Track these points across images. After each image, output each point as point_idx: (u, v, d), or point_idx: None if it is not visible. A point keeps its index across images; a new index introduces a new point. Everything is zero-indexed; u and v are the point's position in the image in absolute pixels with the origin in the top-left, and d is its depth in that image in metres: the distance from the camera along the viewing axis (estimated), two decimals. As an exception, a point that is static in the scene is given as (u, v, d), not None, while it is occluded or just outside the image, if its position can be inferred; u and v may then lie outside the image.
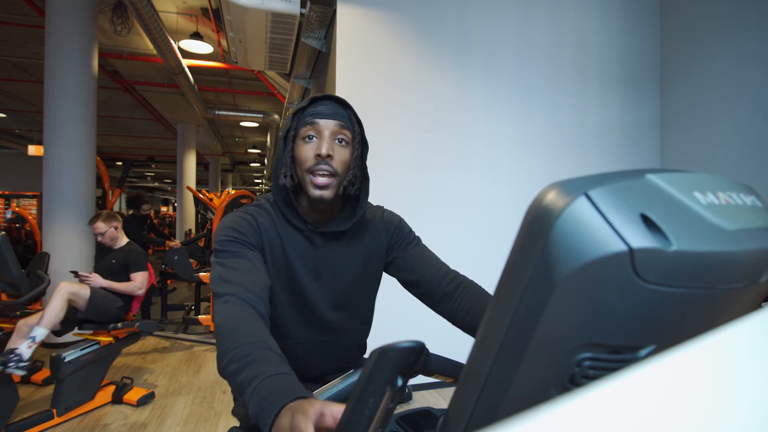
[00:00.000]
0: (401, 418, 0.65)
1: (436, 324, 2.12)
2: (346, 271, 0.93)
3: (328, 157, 0.83)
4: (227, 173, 18.00)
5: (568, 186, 0.24)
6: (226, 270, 0.77)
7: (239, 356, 0.61)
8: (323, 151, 0.82)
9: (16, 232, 7.07)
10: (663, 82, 3.15)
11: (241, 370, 0.59)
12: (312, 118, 0.84)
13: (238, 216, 0.87)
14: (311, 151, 0.83)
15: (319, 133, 0.84)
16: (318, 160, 0.83)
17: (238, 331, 0.65)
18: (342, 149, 0.85)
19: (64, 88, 3.78)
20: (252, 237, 0.85)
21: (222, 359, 0.63)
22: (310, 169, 0.83)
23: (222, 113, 7.41)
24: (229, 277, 0.76)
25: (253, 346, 0.62)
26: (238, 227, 0.84)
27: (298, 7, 2.89)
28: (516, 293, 0.24)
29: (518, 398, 0.25)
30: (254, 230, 0.86)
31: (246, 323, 0.67)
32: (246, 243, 0.83)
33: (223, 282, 0.75)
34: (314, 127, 0.84)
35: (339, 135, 0.85)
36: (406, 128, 2.74)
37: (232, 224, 0.85)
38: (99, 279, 2.60)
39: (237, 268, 0.78)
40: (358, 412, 0.36)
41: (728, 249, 0.23)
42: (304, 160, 0.84)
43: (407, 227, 1.01)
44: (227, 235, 0.83)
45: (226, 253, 0.81)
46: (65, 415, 2.34)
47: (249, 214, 0.88)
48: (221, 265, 0.79)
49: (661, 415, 0.15)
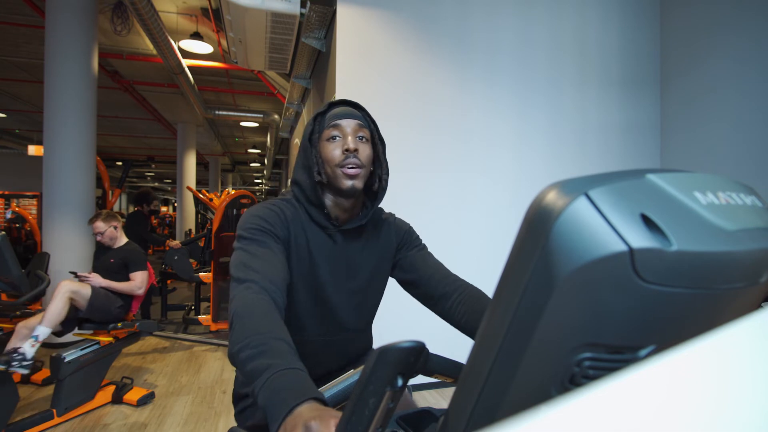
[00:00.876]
0: (401, 418, 0.65)
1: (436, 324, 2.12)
2: (362, 270, 0.96)
3: (356, 151, 0.87)
4: (227, 173, 18.00)
5: (568, 186, 0.24)
6: (249, 257, 0.78)
7: (254, 344, 0.61)
8: (351, 146, 0.87)
9: (16, 232, 7.07)
10: (663, 82, 3.15)
11: (254, 357, 0.59)
12: (333, 120, 0.90)
13: (266, 207, 0.89)
14: (338, 149, 0.88)
15: (343, 133, 0.89)
16: (347, 155, 0.87)
17: (254, 318, 0.65)
18: (364, 145, 0.90)
19: (64, 88, 3.78)
20: (279, 229, 0.86)
21: (235, 344, 0.62)
22: (340, 164, 0.87)
23: (222, 113, 7.41)
24: (252, 264, 0.76)
25: (268, 335, 0.62)
26: (267, 217, 0.85)
27: (298, 7, 2.89)
28: (516, 293, 0.24)
29: (518, 398, 0.25)
30: (282, 223, 0.87)
31: (263, 312, 0.67)
32: (272, 234, 0.84)
33: (245, 268, 0.75)
34: (337, 128, 0.89)
35: (360, 133, 0.90)
36: (406, 128, 2.74)
37: (260, 213, 0.86)
38: (99, 279, 2.60)
39: (261, 256, 0.79)
40: (358, 412, 0.36)
41: (728, 249, 0.23)
42: (332, 157, 0.88)
43: (416, 234, 1.05)
44: (255, 223, 0.84)
45: (251, 241, 0.81)
46: (65, 415, 2.34)
47: (278, 206, 0.90)
48: (245, 251, 0.79)
49: (661, 415, 0.15)
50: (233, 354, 0.63)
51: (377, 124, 0.97)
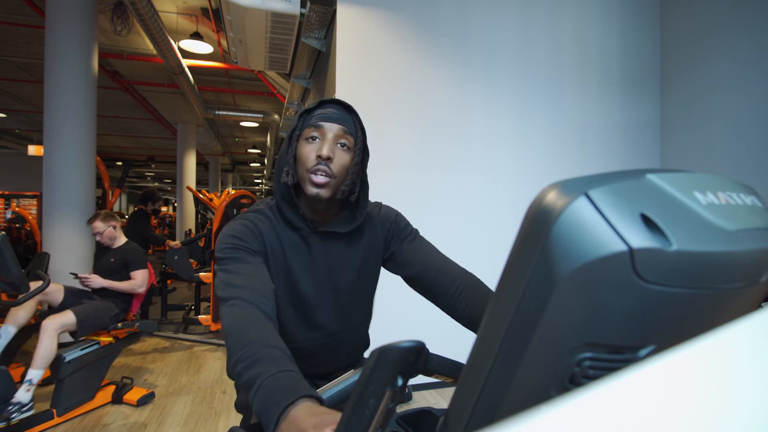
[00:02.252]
0: (401, 418, 0.65)
1: (436, 324, 2.13)
2: (345, 271, 0.94)
3: (328, 159, 0.84)
4: (227, 173, 18.00)
5: (568, 186, 0.24)
6: (230, 275, 0.78)
7: (245, 356, 0.61)
8: (324, 153, 0.83)
9: (16, 232, 7.06)
10: (663, 82, 3.15)
11: (247, 369, 0.59)
12: (317, 121, 0.86)
13: (238, 224, 0.88)
14: (312, 152, 0.85)
15: (323, 135, 0.85)
16: (318, 161, 0.84)
17: (243, 332, 0.66)
18: (342, 153, 0.86)
19: (64, 88, 3.78)
20: (254, 243, 0.85)
21: (230, 361, 0.63)
22: (310, 169, 0.84)
23: (222, 113, 7.41)
24: (233, 282, 0.76)
25: (257, 345, 0.62)
26: (240, 234, 0.85)
27: (298, 7, 2.89)
28: (516, 293, 0.24)
29: (518, 398, 0.25)
30: (255, 236, 0.86)
31: (251, 324, 0.68)
32: (248, 249, 0.83)
33: (227, 287, 0.75)
34: (318, 129, 0.85)
35: (341, 139, 0.86)
36: (405, 128, 2.74)
37: (232, 232, 0.85)
38: (99, 280, 2.59)
39: (241, 272, 0.78)
40: (358, 412, 0.36)
41: (728, 249, 0.23)
42: (305, 159, 0.85)
43: (404, 221, 1.01)
44: (229, 242, 0.83)
45: (229, 260, 0.81)
46: (65, 415, 2.34)
47: (249, 220, 0.89)
48: (225, 271, 0.79)
49: (661, 415, 0.15)
50: (230, 371, 0.63)
51: (366, 132, 0.91)
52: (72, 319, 2.39)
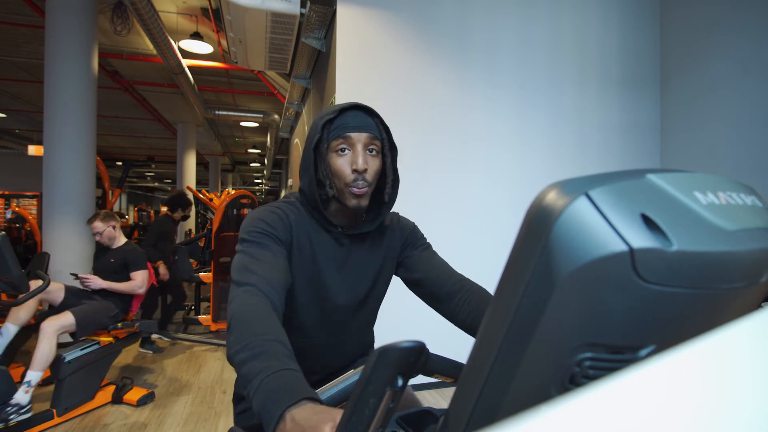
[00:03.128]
0: (401, 418, 0.65)
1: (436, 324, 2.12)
2: (367, 272, 0.95)
3: (365, 171, 0.85)
4: (227, 173, 18.00)
5: (569, 186, 0.24)
6: (251, 260, 0.78)
7: (249, 346, 0.61)
8: (360, 166, 0.84)
9: (16, 232, 7.06)
10: (663, 82, 3.15)
11: (249, 360, 0.59)
12: (344, 132, 0.86)
13: (270, 210, 0.88)
14: (347, 166, 0.86)
15: (352, 146, 0.86)
16: (356, 176, 0.85)
17: (251, 321, 0.66)
18: (373, 159, 0.88)
19: (64, 88, 3.78)
20: (281, 232, 0.85)
21: (232, 347, 0.63)
22: (350, 184, 0.85)
23: (222, 113, 7.41)
24: (252, 268, 0.76)
25: (264, 337, 0.62)
26: (269, 220, 0.85)
27: (298, 7, 2.89)
28: (516, 293, 0.24)
29: (518, 398, 0.25)
30: (285, 226, 0.86)
31: (261, 315, 0.68)
32: (274, 237, 0.83)
33: (245, 271, 0.75)
34: (346, 140, 0.86)
35: (370, 146, 0.87)
36: (406, 128, 2.74)
37: (263, 217, 0.85)
38: (99, 281, 2.59)
39: (262, 260, 0.78)
40: (358, 412, 0.36)
41: (728, 249, 0.23)
42: (342, 174, 0.86)
43: (420, 233, 1.04)
44: (257, 226, 0.83)
45: (253, 244, 0.81)
46: (65, 415, 2.34)
47: (281, 209, 0.89)
48: (247, 254, 0.79)
49: (661, 415, 0.15)
50: (230, 356, 0.63)
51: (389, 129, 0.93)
52: (71, 320, 2.39)
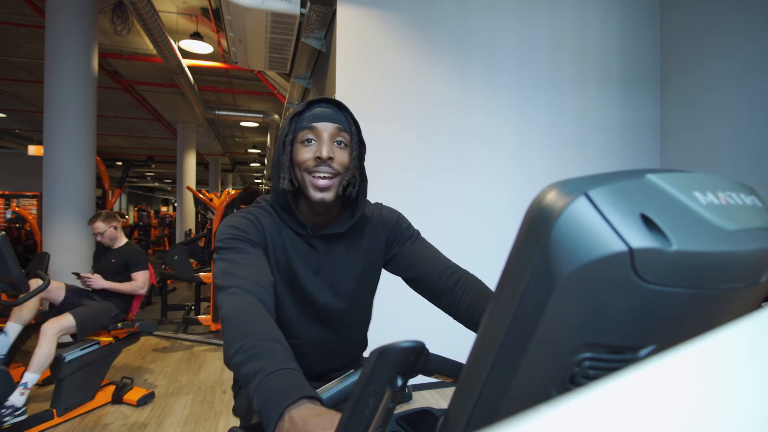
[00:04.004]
0: (401, 418, 0.65)
1: (436, 324, 2.12)
2: (347, 271, 0.94)
3: (329, 159, 0.83)
4: (227, 173, 18.00)
5: (568, 186, 0.24)
6: (229, 264, 0.77)
7: (245, 347, 0.60)
8: (324, 154, 0.82)
9: (16, 232, 7.06)
10: (663, 82, 3.15)
11: (247, 361, 0.59)
12: (310, 122, 0.85)
13: (240, 216, 0.87)
14: (310, 154, 0.84)
15: (318, 137, 0.85)
16: (318, 162, 0.83)
17: (244, 322, 0.65)
18: (341, 151, 0.86)
19: (64, 88, 3.78)
20: (255, 236, 0.85)
21: (228, 350, 0.63)
22: (310, 170, 0.84)
23: (222, 113, 7.41)
24: (233, 271, 0.75)
25: (259, 337, 0.62)
26: (241, 226, 0.85)
27: (298, 7, 2.89)
28: (516, 293, 0.24)
29: (518, 398, 0.25)
30: (257, 230, 0.86)
31: (252, 314, 0.67)
32: (249, 241, 0.83)
33: (227, 275, 0.75)
34: (313, 130, 0.84)
35: (337, 137, 0.85)
36: (405, 128, 2.74)
37: (234, 223, 0.85)
38: (101, 281, 2.59)
39: (241, 262, 0.78)
40: (358, 412, 0.36)
41: (728, 249, 0.23)
42: (303, 162, 0.84)
43: (405, 222, 1.00)
44: (230, 233, 0.83)
45: (229, 250, 0.81)
46: (65, 415, 2.34)
47: (252, 214, 0.88)
48: (225, 260, 0.79)
49: (661, 415, 0.15)
50: (228, 359, 0.63)
51: (359, 125, 0.90)
52: (71, 322, 2.40)
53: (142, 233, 12.44)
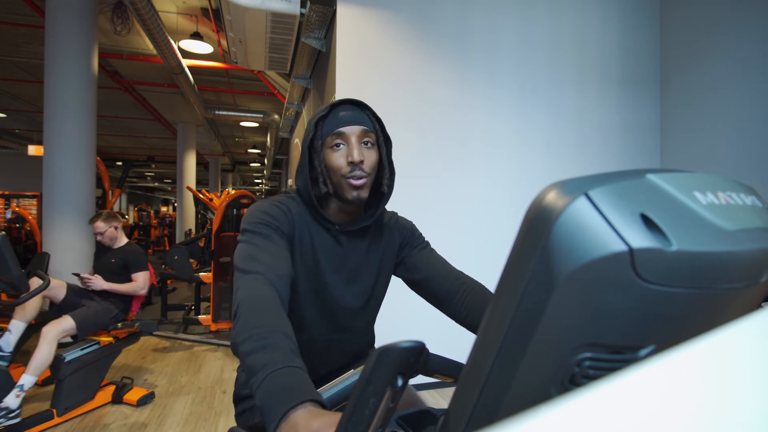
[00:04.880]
0: (401, 418, 0.65)
1: (436, 324, 2.12)
2: (366, 270, 0.96)
3: (361, 162, 0.85)
4: (227, 173, 18.00)
5: (568, 186, 0.24)
6: (255, 249, 0.77)
7: (256, 336, 0.60)
8: (356, 158, 0.84)
9: (16, 232, 7.06)
10: (663, 82, 3.15)
11: (255, 351, 0.59)
12: (336, 127, 0.86)
13: (272, 203, 0.88)
14: (343, 158, 0.86)
15: (347, 140, 0.86)
16: (352, 167, 0.85)
17: (259, 310, 0.65)
18: (369, 152, 0.88)
19: (64, 88, 3.78)
20: (285, 225, 0.85)
21: (239, 335, 0.62)
22: (346, 175, 0.86)
23: (222, 113, 7.41)
24: (257, 257, 0.76)
25: (271, 329, 0.62)
26: (272, 213, 0.85)
27: (298, 7, 2.89)
28: (516, 293, 0.24)
29: (518, 398, 0.25)
30: (287, 219, 0.87)
31: (269, 305, 0.67)
32: (277, 229, 0.83)
33: (251, 260, 0.75)
34: (340, 135, 0.86)
35: (364, 138, 0.87)
36: (406, 128, 2.74)
37: (266, 209, 0.86)
38: (101, 282, 2.59)
39: (266, 249, 0.78)
40: (358, 412, 0.36)
41: (728, 249, 0.23)
42: (338, 167, 0.86)
43: (418, 232, 1.04)
44: (260, 218, 0.83)
45: (257, 235, 0.81)
46: (65, 415, 2.34)
47: (283, 203, 0.89)
48: (250, 243, 0.79)
49: (661, 415, 0.15)
50: (235, 344, 0.62)
51: (382, 122, 0.94)
52: (71, 324, 2.40)
53: (142, 233, 12.44)
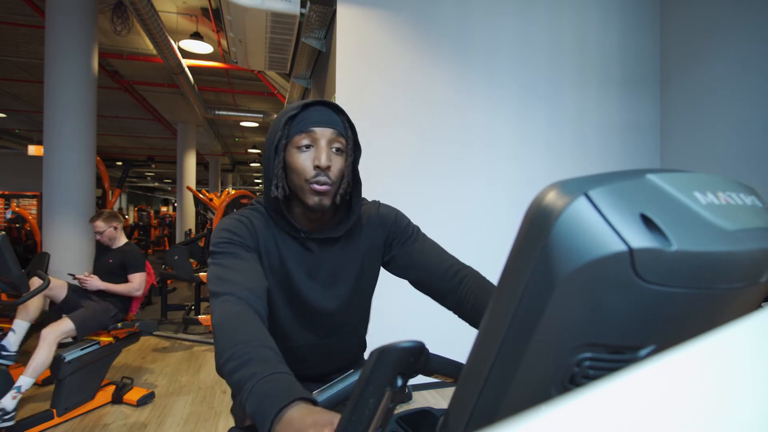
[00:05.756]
0: (401, 418, 0.65)
1: (436, 324, 2.13)
2: (343, 274, 0.93)
3: (327, 168, 0.81)
4: (227, 173, 18.00)
5: (568, 186, 0.24)
6: (223, 270, 0.77)
7: (237, 354, 0.60)
8: (323, 162, 0.80)
9: (16, 232, 7.06)
10: (663, 82, 3.15)
11: (239, 368, 0.59)
12: (307, 126, 0.82)
13: (233, 219, 0.87)
14: (309, 161, 0.81)
15: (315, 142, 0.82)
16: (318, 172, 0.81)
17: (235, 329, 0.65)
18: (337, 158, 0.84)
19: (64, 88, 3.78)
20: (248, 239, 0.84)
21: (220, 357, 0.62)
22: (310, 180, 0.81)
23: (222, 113, 7.42)
24: (226, 277, 0.75)
25: (250, 344, 0.62)
26: (234, 229, 0.84)
27: (298, 7, 2.89)
28: (516, 293, 0.24)
29: (518, 398, 0.25)
30: (250, 233, 0.85)
31: (244, 322, 0.67)
32: (242, 245, 0.83)
33: (220, 281, 0.75)
34: (310, 135, 0.81)
35: (335, 143, 0.83)
36: (405, 128, 2.74)
37: (227, 226, 0.85)
38: (97, 281, 2.59)
39: (234, 267, 0.78)
40: (358, 412, 0.36)
41: (728, 249, 0.23)
42: (302, 170, 0.82)
43: (405, 220, 0.98)
44: (223, 237, 0.82)
45: (223, 254, 0.80)
46: (65, 415, 2.34)
47: (245, 216, 0.88)
48: (218, 265, 0.78)
49: (661, 415, 0.15)
50: (220, 367, 0.62)
51: (362, 125, 0.92)
52: (70, 326, 2.40)
53: (142, 233, 12.44)
